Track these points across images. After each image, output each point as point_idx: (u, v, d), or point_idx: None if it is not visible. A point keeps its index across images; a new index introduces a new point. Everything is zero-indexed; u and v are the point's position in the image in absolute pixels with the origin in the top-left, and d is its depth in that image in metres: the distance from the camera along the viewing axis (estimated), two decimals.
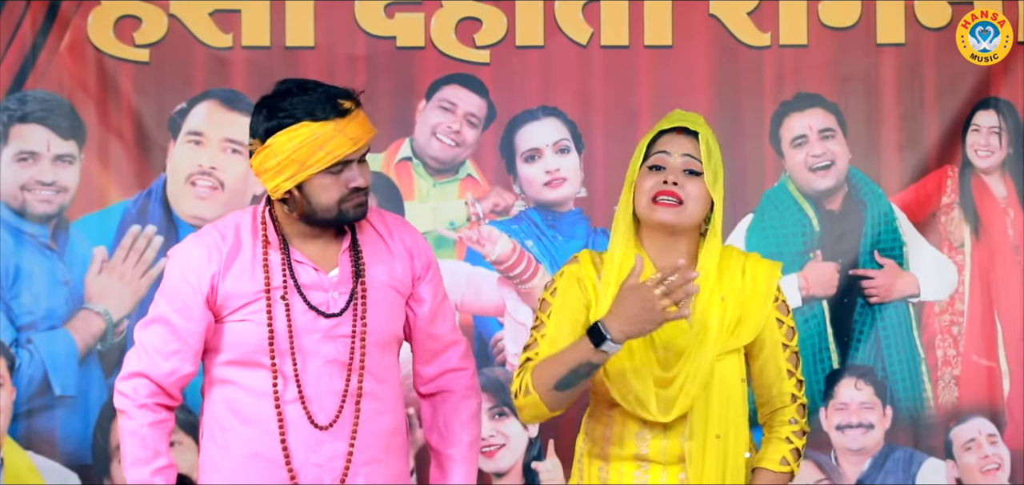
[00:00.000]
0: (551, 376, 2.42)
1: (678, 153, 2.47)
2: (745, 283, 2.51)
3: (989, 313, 3.93)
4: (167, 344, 2.51)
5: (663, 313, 2.34)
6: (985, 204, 3.95)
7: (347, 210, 2.46)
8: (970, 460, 3.87)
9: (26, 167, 3.78)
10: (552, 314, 2.52)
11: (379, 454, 2.54)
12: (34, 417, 3.78)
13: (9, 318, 3.77)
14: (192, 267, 2.50)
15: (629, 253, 2.51)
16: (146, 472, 2.52)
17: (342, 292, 2.53)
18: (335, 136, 2.42)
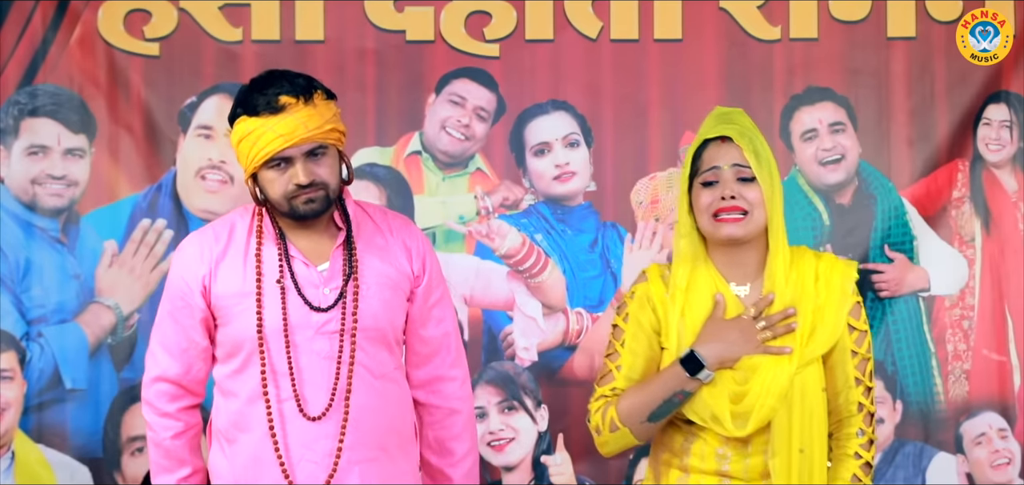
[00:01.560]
0: (643, 408, 2.39)
1: (727, 164, 2.40)
2: (818, 289, 2.43)
3: (999, 307, 3.92)
4: (176, 343, 2.50)
5: (762, 345, 2.35)
6: (996, 198, 3.94)
7: (297, 206, 2.42)
8: (980, 455, 3.85)
9: (36, 161, 3.78)
10: (626, 343, 2.47)
11: (374, 452, 2.49)
12: (45, 410, 3.80)
13: (20, 312, 3.78)
14: (187, 265, 2.50)
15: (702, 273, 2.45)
16: (171, 481, 2.52)
17: (332, 287, 2.51)
18: (265, 133, 2.39)
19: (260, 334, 2.44)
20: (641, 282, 2.51)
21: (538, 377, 3.88)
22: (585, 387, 3.66)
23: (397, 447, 2.55)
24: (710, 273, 2.44)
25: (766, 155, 2.43)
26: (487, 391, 3.88)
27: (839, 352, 2.42)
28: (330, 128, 2.44)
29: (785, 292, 2.43)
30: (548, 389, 3.90)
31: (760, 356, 2.37)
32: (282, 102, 2.37)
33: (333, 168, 2.45)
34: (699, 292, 2.44)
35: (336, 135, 2.46)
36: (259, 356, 2.45)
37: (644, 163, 3.93)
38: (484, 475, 3.81)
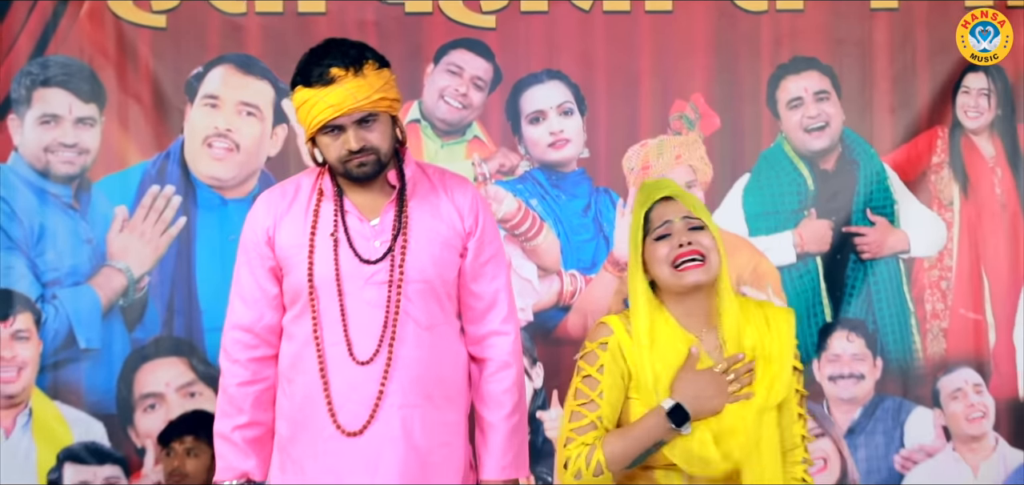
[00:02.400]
0: (627, 455, 2.42)
1: (677, 216, 2.45)
2: (772, 338, 2.50)
3: (976, 268, 3.97)
4: (249, 292, 2.57)
5: (732, 395, 2.40)
6: (974, 163, 3.98)
7: (350, 169, 2.49)
8: (956, 409, 3.93)
9: (49, 129, 3.82)
10: (604, 393, 2.47)
11: (418, 400, 2.53)
12: (60, 369, 3.84)
13: (35, 275, 3.82)
14: (256, 219, 2.58)
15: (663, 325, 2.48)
16: (227, 426, 2.57)
17: (382, 241, 2.55)
18: (317, 102, 2.45)
19: (311, 282, 2.50)
20: (608, 335, 2.52)
21: (533, 336, 3.90)
22: (579, 345, 3.69)
23: (444, 397, 2.59)
24: (667, 321, 2.49)
25: (709, 217, 2.51)
26: None
27: (789, 399, 2.51)
28: (379, 97, 2.48)
29: (744, 343, 2.49)
30: (543, 348, 3.94)
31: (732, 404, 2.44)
32: (332, 74, 2.43)
33: (384, 133, 2.50)
34: (664, 343, 2.47)
35: (386, 103, 2.50)
36: (309, 304, 2.50)
37: (635, 131, 3.96)
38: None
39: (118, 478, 3.84)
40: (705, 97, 4.00)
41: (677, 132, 3.99)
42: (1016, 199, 4.00)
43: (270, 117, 3.93)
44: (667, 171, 3.96)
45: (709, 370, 2.42)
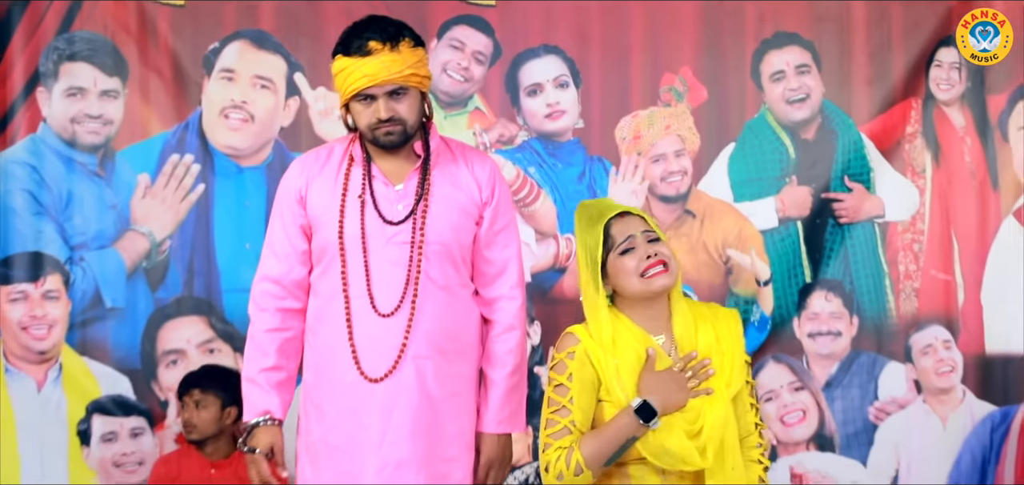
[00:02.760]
0: (604, 453, 2.46)
1: (638, 231, 2.52)
2: (721, 337, 2.57)
3: (947, 232, 4.03)
4: (280, 246, 2.65)
5: (693, 392, 2.46)
6: (945, 133, 4.03)
7: (378, 136, 2.57)
8: (927, 363, 4.00)
9: (75, 101, 3.86)
10: (574, 399, 2.51)
11: (430, 352, 2.60)
12: (88, 327, 3.90)
13: (63, 238, 3.86)
14: (290, 180, 2.66)
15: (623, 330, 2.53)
16: (254, 369, 2.65)
17: (405, 204, 2.62)
18: (353, 71, 2.53)
19: (341, 239, 2.58)
20: (575, 344, 2.55)
21: (532, 296, 3.92)
22: (574, 304, 3.65)
23: (454, 351, 2.65)
24: (628, 327, 2.53)
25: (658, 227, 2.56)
26: None
27: (742, 392, 2.57)
28: (411, 73, 2.56)
29: (697, 342, 2.54)
30: (540, 307, 4.01)
31: (696, 399, 2.49)
32: (370, 47, 2.51)
33: (412, 107, 2.58)
34: (626, 347, 2.51)
35: (417, 79, 2.58)
36: (339, 259, 2.59)
37: (627, 102, 4.02)
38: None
39: (143, 429, 3.90)
40: (693, 70, 4.03)
41: (666, 104, 4.03)
42: (984, 167, 4.03)
43: (283, 90, 3.96)
44: (657, 140, 4.03)
45: (669, 369, 2.48)
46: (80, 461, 3.89)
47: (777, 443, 4.02)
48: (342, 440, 2.63)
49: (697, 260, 4.06)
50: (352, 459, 2.62)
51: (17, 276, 3.87)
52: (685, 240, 4.05)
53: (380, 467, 2.59)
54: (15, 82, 3.87)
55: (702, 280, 4.04)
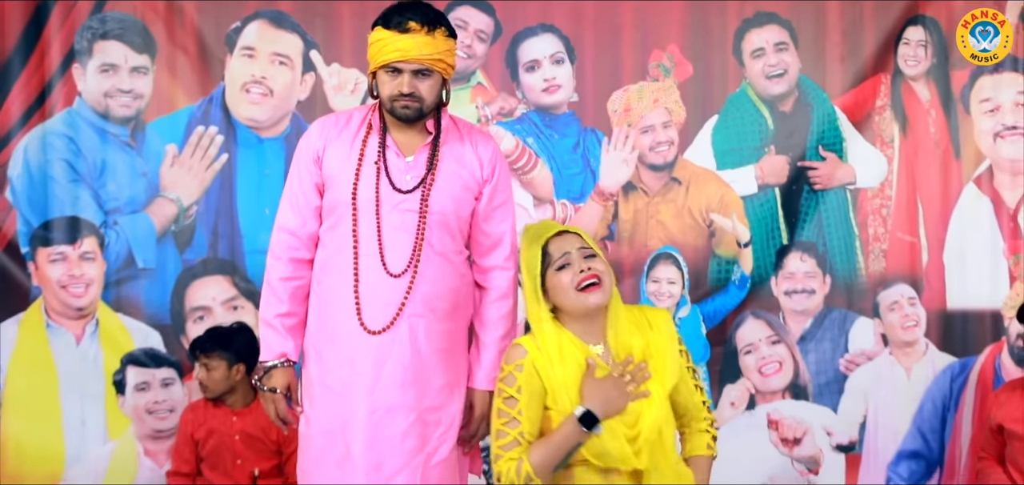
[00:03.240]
0: (550, 460, 2.49)
1: (574, 247, 2.54)
2: (655, 334, 2.60)
3: (912, 198, 4.12)
4: (296, 200, 2.72)
5: (632, 395, 2.50)
6: (912, 106, 4.12)
7: (396, 108, 2.64)
8: (893, 319, 4.11)
9: (108, 77, 3.96)
10: (523, 411, 2.52)
11: (424, 311, 2.68)
12: (122, 286, 4.01)
13: (98, 204, 3.97)
14: (309, 140, 2.73)
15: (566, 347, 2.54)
16: (270, 313, 2.73)
17: (414, 175, 2.68)
18: (388, 43, 2.60)
19: (354, 200, 2.64)
20: (523, 356, 2.54)
21: None
22: None
23: (446, 312, 2.72)
24: (570, 339, 2.54)
25: (595, 245, 2.58)
26: None
27: (683, 377, 2.62)
28: (438, 59, 2.62)
29: (632, 347, 2.57)
30: None
31: (634, 402, 2.52)
32: (408, 26, 2.58)
33: (433, 89, 2.65)
34: (569, 357, 2.53)
35: (443, 66, 2.64)
36: (350, 218, 2.64)
37: (619, 77, 4.11)
38: None
39: (173, 379, 4.00)
40: (679, 48, 4.11)
41: (655, 79, 4.11)
42: (948, 137, 4.12)
43: (300, 66, 4.02)
44: (646, 113, 4.09)
45: (610, 376, 2.50)
46: (116, 409, 3.99)
47: (755, 392, 4.11)
48: (337, 383, 2.69)
49: (683, 224, 4.12)
50: (345, 401, 2.68)
51: (56, 239, 3.95)
52: (672, 205, 4.11)
53: (371, 410, 2.65)
54: (52, 59, 3.95)
55: (687, 242, 4.10)
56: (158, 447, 4.00)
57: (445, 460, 2.72)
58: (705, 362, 4.14)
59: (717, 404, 4.14)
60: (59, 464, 3.97)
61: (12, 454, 3.97)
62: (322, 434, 2.69)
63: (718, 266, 4.17)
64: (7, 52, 3.94)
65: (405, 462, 2.66)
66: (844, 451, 4.14)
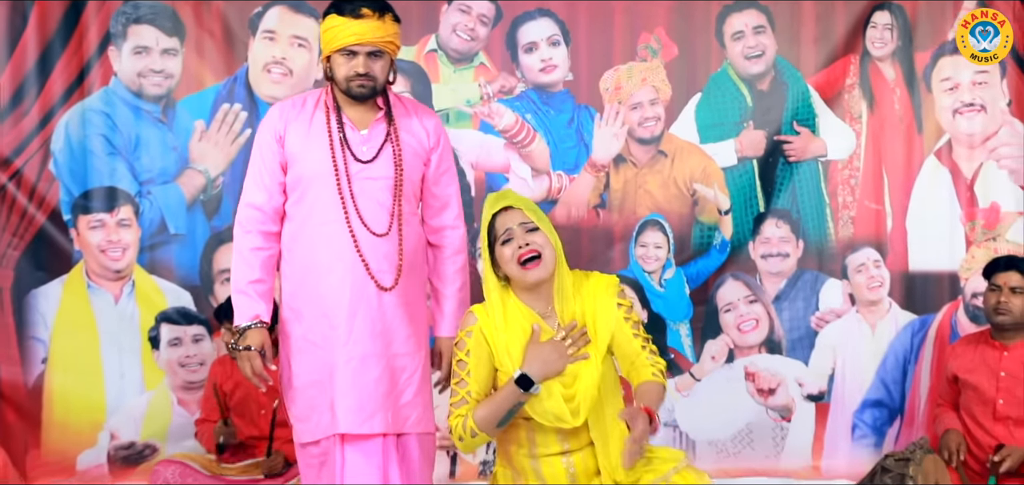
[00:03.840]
0: (494, 418, 2.56)
1: (515, 223, 2.58)
2: (592, 298, 2.62)
3: (878, 169, 4.21)
4: (261, 178, 2.81)
5: (571, 358, 2.57)
6: (878, 85, 4.21)
7: (352, 87, 2.73)
8: (860, 280, 4.22)
9: (141, 59, 4.05)
10: (471, 372, 2.60)
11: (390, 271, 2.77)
12: (155, 250, 4.11)
13: (133, 175, 4.08)
14: (270, 123, 2.82)
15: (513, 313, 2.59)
16: (243, 282, 2.80)
17: (370, 146, 2.76)
18: (343, 28, 2.68)
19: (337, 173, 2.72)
20: (473, 323, 2.62)
21: None
22: (564, 231, 3.89)
23: (411, 267, 2.82)
24: (518, 306, 2.60)
25: (541, 216, 2.61)
26: None
27: (619, 327, 2.62)
28: (388, 41, 2.73)
29: (575, 311, 2.60)
30: None
31: (574, 364, 2.57)
32: (362, 12, 2.68)
33: (384, 69, 2.76)
34: (514, 323, 2.59)
35: (392, 47, 2.76)
36: (321, 189, 2.73)
37: (610, 58, 4.18)
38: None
39: (202, 335, 4.11)
40: (666, 31, 4.19)
41: (643, 59, 4.18)
42: (911, 113, 4.20)
43: (316, 48, 4.05)
44: (635, 91, 4.17)
45: (550, 340, 2.56)
46: (151, 362, 4.11)
47: (734, 347, 4.22)
48: (318, 338, 2.77)
49: (668, 193, 4.20)
50: (326, 353, 2.76)
51: (95, 207, 4.05)
52: (659, 176, 4.20)
53: (347, 359, 2.75)
54: (90, 42, 4.03)
55: (672, 210, 4.20)
56: (189, 397, 4.11)
57: (411, 401, 2.82)
58: (688, 319, 4.24)
59: (699, 357, 4.23)
60: (101, 412, 4.08)
61: (58, 404, 4.07)
62: (311, 385, 2.79)
63: (701, 232, 4.25)
64: (48, 36, 4.01)
65: (379, 406, 2.76)
66: (814, 400, 4.24)
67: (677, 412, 4.25)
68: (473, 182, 4.19)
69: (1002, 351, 3.50)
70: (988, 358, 3.52)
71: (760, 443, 4.26)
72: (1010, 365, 3.48)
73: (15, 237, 4.05)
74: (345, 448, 2.77)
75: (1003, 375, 3.48)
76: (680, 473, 2.57)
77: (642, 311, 4.22)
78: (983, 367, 3.52)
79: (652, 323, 4.23)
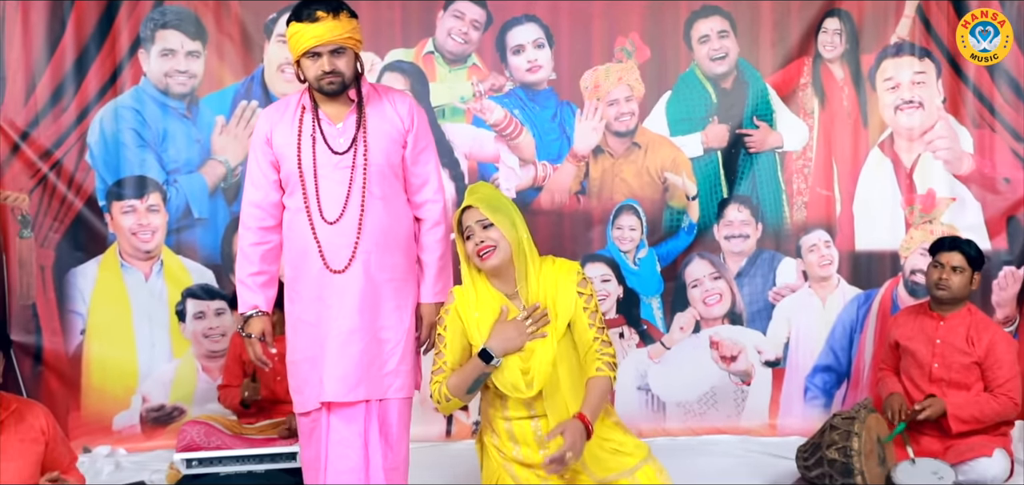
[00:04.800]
0: (462, 385, 2.67)
1: (473, 220, 2.68)
2: (557, 285, 2.70)
3: (828, 159, 4.32)
4: (255, 179, 2.86)
5: (531, 336, 2.66)
6: (829, 84, 4.32)
7: (322, 85, 2.74)
8: (812, 258, 4.36)
9: (167, 60, 4.15)
10: (448, 345, 2.71)
11: (373, 247, 2.80)
12: (181, 233, 4.22)
13: (161, 165, 4.18)
14: (260, 127, 2.86)
15: (486, 295, 2.68)
16: (244, 273, 2.86)
17: (346, 138, 2.78)
18: (304, 33, 2.70)
19: (300, 168, 2.76)
20: (451, 303, 2.72)
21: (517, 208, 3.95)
22: (548, 214, 4.14)
23: (392, 245, 2.83)
24: (488, 289, 2.70)
25: (504, 205, 2.67)
26: None
27: (578, 316, 2.70)
28: (348, 36, 2.71)
29: (538, 295, 2.68)
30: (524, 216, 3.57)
31: (534, 341, 2.66)
32: (317, 16, 2.69)
33: (348, 63, 2.75)
34: (485, 303, 2.69)
35: (353, 42, 2.73)
36: (300, 183, 2.76)
37: (589, 59, 4.27)
38: None
39: (224, 309, 4.21)
40: (639, 35, 4.28)
41: (619, 60, 4.27)
42: (858, 110, 4.29)
43: None
44: (612, 89, 4.22)
45: (513, 319, 2.65)
46: (178, 333, 4.21)
47: (700, 319, 4.30)
48: (311, 316, 2.81)
49: (642, 181, 4.28)
50: (318, 330, 2.80)
51: (127, 194, 4.14)
52: (633, 165, 4.28)
53: (337, 334, 2.78)
54: (122, 46, 4.12)
55: (645, 196, 4.28)
56: (212, 364, 4.20)
57: (393, 370, 2.85)
58: (660, 294, 4.30)
59: (669, 328, 4.30)
60: (134, 378, 4.19)
61: (96, 371, 4.18)
62: (304, 360, 2.83)
63: (671, 216, 4.32)
64: (84, 41, 4.09)
65: (363, 376, 2.79)
66: (771, 366, 4.35)
67: (649, 377, 4.32)
68: (466, 171, 4.27)
69: (939, 321, 3.64)
70: (926, 327, 3.66)
71: (723, 404, 4.34)
72: (945, 334, 3.63)
73: (55, 221, 4.14)
74: (331, 415, 2.82)
75: (939, 343, 3.62)
76: (642, 470, 2.67)
77: (618, 287, 4.28)
78: (921, 335, 3.67)
79: (627, 297, 4.30)
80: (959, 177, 4.32)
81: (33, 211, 4.12)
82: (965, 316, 3.65)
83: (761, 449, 4.15)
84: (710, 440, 4.27)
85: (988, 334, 3.62)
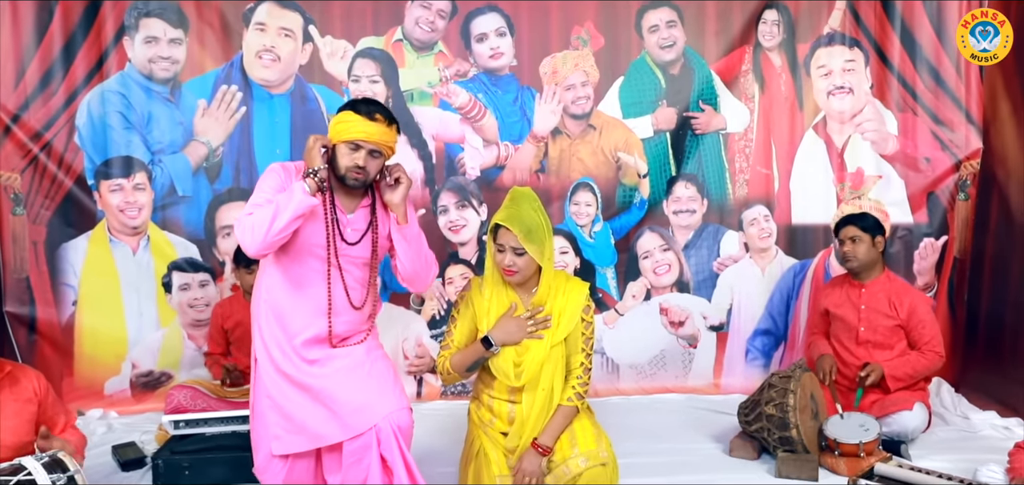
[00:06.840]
0: (463, 364, 2.85)
1: (508, 245, 2.78)
2: (566, 300, 2.85)
3: (767, 140, 4.42)
4: (266, 196, 2.75)
5: (530, 335, 2.82)
6: (768, 71, 4.41)
7: (347, 176, 2.75)
8: (753, 231, 4.45)
9: (151, 47, 4.16)
10: (458, 325, 2.89)
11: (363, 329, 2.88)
12: (167, 209, 4.24)
13: (146, 146, 4.19)
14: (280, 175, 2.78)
15: (500, 290, 2.82)
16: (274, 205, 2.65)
17: (354, 228, 2.79)
18: (357, 124, 2.72)
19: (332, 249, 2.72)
20: (467, 290, 2.90)
21: (480, 186, 4.28)
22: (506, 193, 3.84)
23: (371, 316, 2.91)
24: (507, 291, 2.87)
25: (538, 235, 2.74)
26: (448, 195, 4.25)
27: (574, 333, 2.86)
28: (388, 146, 2.77)
29: (547, 303, 2.83)
30: (487, 193, 4.30)
31: (531, 340, 2.83)
32: (376, 117, 2.73)
33: (378, 167, 2.78)
34: (498, 300, 2.86)
35: (389, 151, 2.79)
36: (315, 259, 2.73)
37: (548, 46, 4.33)
38: (445, 249, 4.16)
39: (207, 281, 4.25)
40: (594, 24, 4.33)
41: (575, 48, 4.32)
42: (794, 94, 4.39)
43: (301, 38, 4.20)
44: (569, 74, 4.26)
45: (518, 317, 2.82)
46: (165, 304, 4.24)
47: (651, 287, 4.37)
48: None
49: (597, 160, 4.34)
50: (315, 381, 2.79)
51: (115, 173, 4.14)
52: (589, 146, 4.33)
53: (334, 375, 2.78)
54: (108, 33, 4.13)
55: (600, 174, 4.33)
56: (197, 333, 4.24)
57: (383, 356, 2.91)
58: (614, 265, 4.37)
59: (622, 296, 4.36)
60: (123, 346, 4.22)
61: (87, 339, 4.21)
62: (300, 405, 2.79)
63: (623, 192, 4.38)
64: (71, 29, 4.09)
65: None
66: (715, 330, 4.44)
67: (604, 342, 4.40)
68: (434, 151, 4.32)
69: (861, 289, 3.77)
70: (851, 295, 3.79)
71: (672, 365, 4.44)
72: (868, 299, 3.76)
73: (47, 199, 4.15)
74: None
75: (863, 308, 3.75)
76: (589, 471, 2.77)
77: (576, 258, 4.34)
78: (847, 302, 3.80)
79: (584, 268, 4.37)
80: (885, 157, 4.41)
81: (25, 190, 4.13)
82: (884, 283, 3.77)
83: (706, 406, 4.23)
84: (660, 399, 4.36)
85: (908, 298, 3.75)
